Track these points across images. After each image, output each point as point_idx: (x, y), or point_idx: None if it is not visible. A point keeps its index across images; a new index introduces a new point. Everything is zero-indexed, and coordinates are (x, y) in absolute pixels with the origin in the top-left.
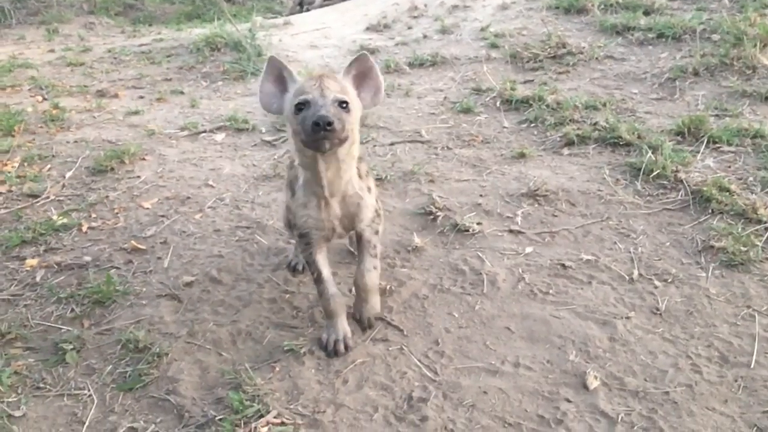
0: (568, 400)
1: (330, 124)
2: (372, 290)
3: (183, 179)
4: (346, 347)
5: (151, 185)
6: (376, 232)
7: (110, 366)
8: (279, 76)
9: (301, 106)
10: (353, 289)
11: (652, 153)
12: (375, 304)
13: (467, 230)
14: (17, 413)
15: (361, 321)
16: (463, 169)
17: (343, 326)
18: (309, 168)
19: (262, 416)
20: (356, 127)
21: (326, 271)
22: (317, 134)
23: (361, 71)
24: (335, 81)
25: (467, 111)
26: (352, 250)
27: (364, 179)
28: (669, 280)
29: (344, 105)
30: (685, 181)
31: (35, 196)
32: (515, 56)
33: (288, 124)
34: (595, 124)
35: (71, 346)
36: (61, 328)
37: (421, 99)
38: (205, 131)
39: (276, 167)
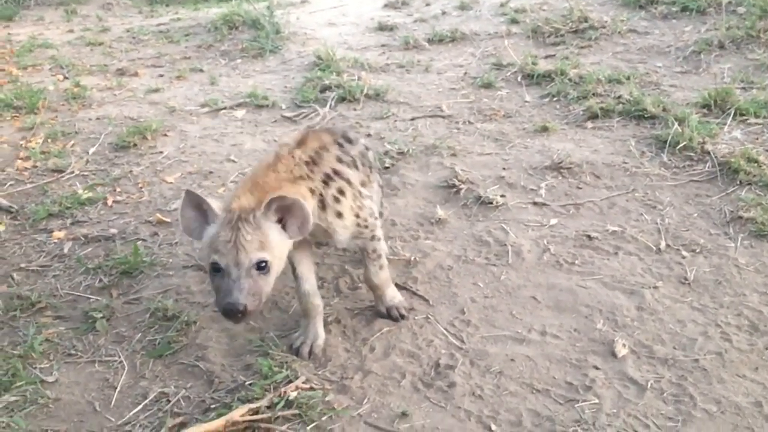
0: (597, 368)
1: (242, 312)
2: (384, 285)
3: (205, 155)
4: (311, 353)
5: (174, 160)
6: (372, 238)
7: (139, 334)
8: (198, 206)
9: (215, 267)
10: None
11: (679, 125)
12: (393, 294)
13: (491, 202)
14: (50, 378)
15: (388, 312)
16: (486, 143)
17: (315, 330)
18: None
19: (291, 381)
20: (280, 269)
21: (302, 268)
22: (229, 318)
23: (284, 206)
24: (253, 230)
25: (488, 86)
26: None
27: (329, 209)
28: (697, 251)
29: (263, 266)
30: (712, 153)
31: (60, 171)
32: (536, 31)
33: (204, 265)
34: (619, 97)
35: (101, 315)
36: (90, 298)
37: (441, 75)
38: (225, 108)
39: None
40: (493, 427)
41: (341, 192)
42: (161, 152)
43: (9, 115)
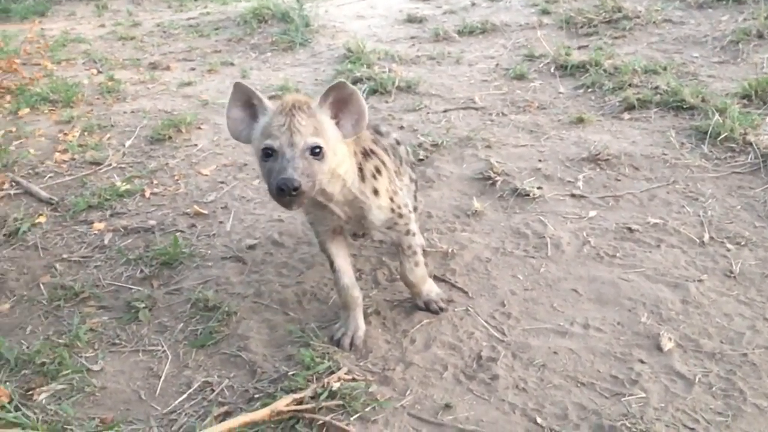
0: (642, 361)
1: (296, 189)
2: (420, 282)
3: (239, 147)
4: (352, 344)
5: (208, 153)
6: (407, 233)
7: (181, 324)
8: (247, 102)
9: (268, 152)
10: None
11: (719, 116)
12: (430, 288)
13: (527, 194)
14: (95, 367)
15: (427, 306)
16: (520, 135)
17: (356, 322)
18: None
19: (333, 372)
20: (339, 159)
21: (340, 261)
22: (283, 198)
23: (340, 98)
24: (308, 117)
25: (521, 77)
26: None
27: (367, 181)
28: (742, 243)
29: (317, 151)
30: (754, 144)
31: (98, 164)
32: (568, 22)
33: (257, 163)
34: (656, 88)
35: (143, 305)
36: (131, 288)
37: (472, 66)
38: None
39: None
40: (539, 420)
41: (378, 170)
42: (196, 145)
43: (46, 109)
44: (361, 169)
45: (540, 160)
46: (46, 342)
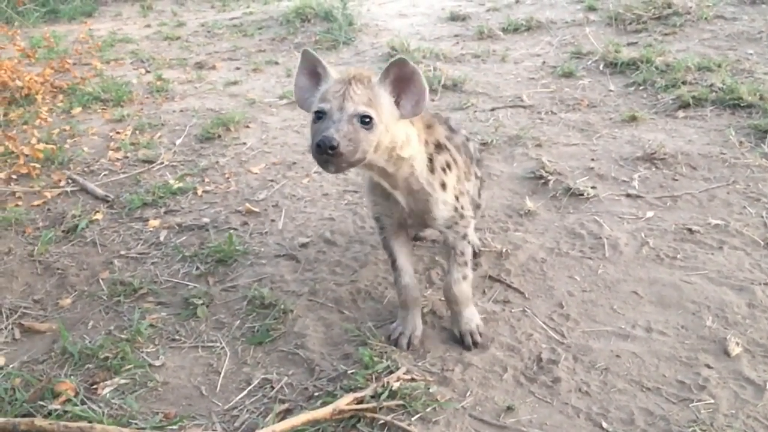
0: (709, 366)
1: (333, 147)
2: (464, 302)
3: (287, 145)
4: (410, 344)
5: (258, 151)
6: (464, 237)
7: (238, 321)
8: (314, 71)
9: (319, 115)
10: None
11: None
12: (471, 316)
13: (581, 194)
14: (156, 362)
15: (461, 337)
16: (571, 133)
17: (414, 321)
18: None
19: (392, 372)
20: (395, 135)
21: (402, 259)
22: (320, 156)
23: (400, 77)
24: (364, 88)
25: (569, 75)
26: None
27: (437, 173)
28: None
29: (366, 120)
30: None
31: (150, 162)
32: (616, 18)
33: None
34: (711, 85)
35: (200, 302)
36: (188, 285)
37: (518, 64)
38: None
39: None
40: (604, 425)
41: (449, 166)
42: (244, 143)
43: (98, 108)
44: (431, 160)
45: (593, 159)
46: (108, 337)
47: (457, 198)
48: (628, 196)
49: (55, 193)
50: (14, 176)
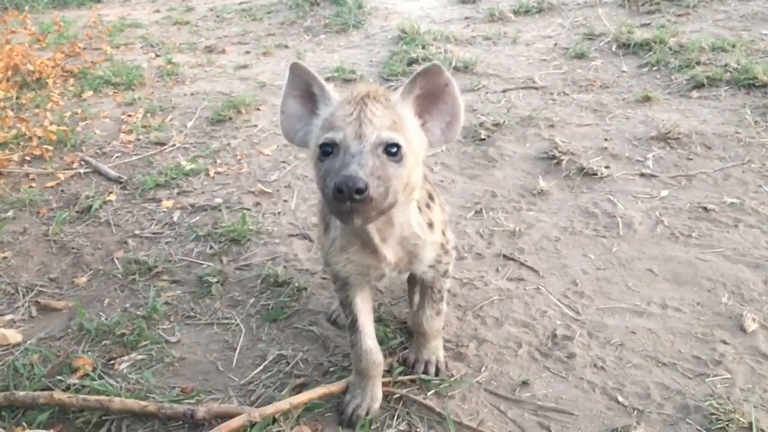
0: (725, 342)
1: (361, 191)
2: (433, 335)
3: None
4: (370, 422)
5: (268, 133)
6: (444, 274)
7: (252, 298)
8: (307, 91)
9: (327, 149)
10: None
11: None
12: (437, 347)
13: (595, 174)
14: (173, 339)
15: (415, 364)
16: (584, 114)
17: (373, 391)
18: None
19: (406, 347)
20: (417, 173)
21: (363, 318)
22: (342, 204)
23: (430, 90)
24: (384, 108)
25: (581, 56)
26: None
27: (424, 212)
28: None
29: (394, 151)
30: None
31: (162, 144)
32: None
33: (311, 168)
34: (725, 65)
35: (215, 280)
36: (202, 264)
37: (529, 46)
38: None
39: None
40: (620, 399)
41: (431, 197)
42: (256, 125)
43: (109, 91)
44: (417, 201)
45: (606, 140)
46: (124, 314)
47: (443, 233)
48: (642, 175)
49: (68, 175)
50: (28, 158)
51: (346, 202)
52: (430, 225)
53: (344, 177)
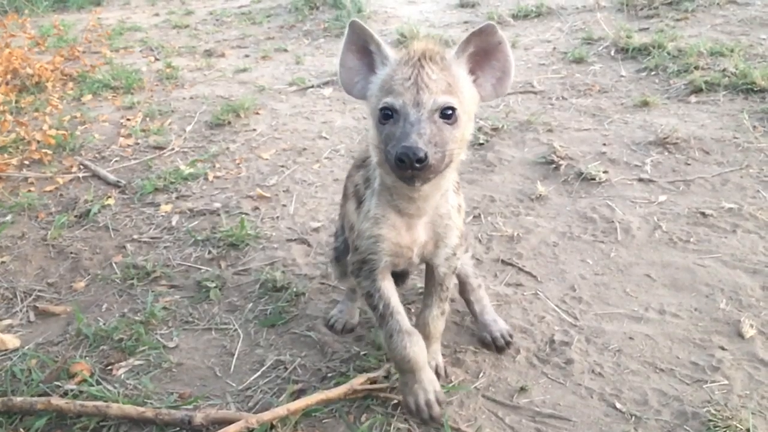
0: (723, 348)
1: (421, 160)
2: (436, 337)
3: (297, 132)
4: (440, 405)
5: (268, 137)
6: (454, 270)
7: (251, 304)
8: (364, 47)
9: (387, 113)
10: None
11: None
12: (436, 350)
13: (593, 179)
14: (171, 344)
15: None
16: (582, 119)
17: (430, 378)
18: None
19: None
20: (469, 129)
21: (395, 300)
22: (403, 171)
23: (482, 48)
24: (440, 69)
25: (580, 61)
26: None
27: (458, 194)
28: None
29: (449, 113)
30: None
31: (161, 148)
32: (627, 4)
33: (371, 125)
34: (723, 70)
35: (213, 285)
36: (200, 268)
37: (528, 50)
38: (312, 86)
39: None
40: (618, 405)
41: (458, 184)
42: (255, 129)
43: (108, 95)
44: None
45: (604, 144)
46: (122, 319)
47: (463, 220)
48: (641, 180)
49: (67, 179)
50: (26, 162)
51: (408, 170)
52: (459, 208)
53: (405, 148)
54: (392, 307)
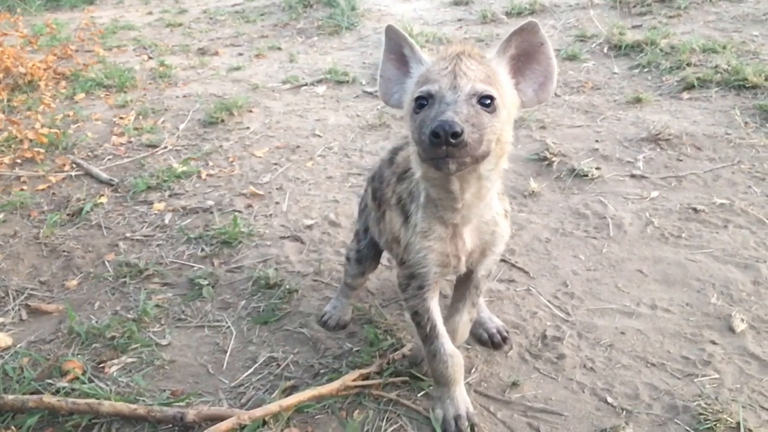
0: (714, 342)
1: (457, 135)
2: (462, 342)
3: (290, 129)
4: (473, 426)
5: (261, 135)
6: (489, 274)
7: (243, 301)
8: (400, 54)
9: (422, 101)
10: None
11: None
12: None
13: (586, 175)
14: (163, 342)
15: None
16: (575, 115)
17: (464, 396)
18: (437, 184)
19: (396, 349)
20: (508, 130)
21: (440, 322)
22: (437, 149)
23: (524, 50)
24: (479, 63)
25: (573, 58)
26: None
27: (502, 199)
28: None
29: (487, 102)
30: None
31: (154, 146)
32: (620, 1)
33: (406, 124)
34: (715, 67)
35: (206, 282)
36: (193, 266)
37: None
38: (306, 84)
39: (381, 116)
40: (609, 399)
41: (503, 190)
42: (248, 128)
43: (101, 94)
44: None
45: (597, 141)
46: (114, 317)
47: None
48: (633, 176)
49: (59, 178)
50: (19, 161)
51: (442, 146)
52: (506, 214)
53: (440, 122)
54: (438, 330)
